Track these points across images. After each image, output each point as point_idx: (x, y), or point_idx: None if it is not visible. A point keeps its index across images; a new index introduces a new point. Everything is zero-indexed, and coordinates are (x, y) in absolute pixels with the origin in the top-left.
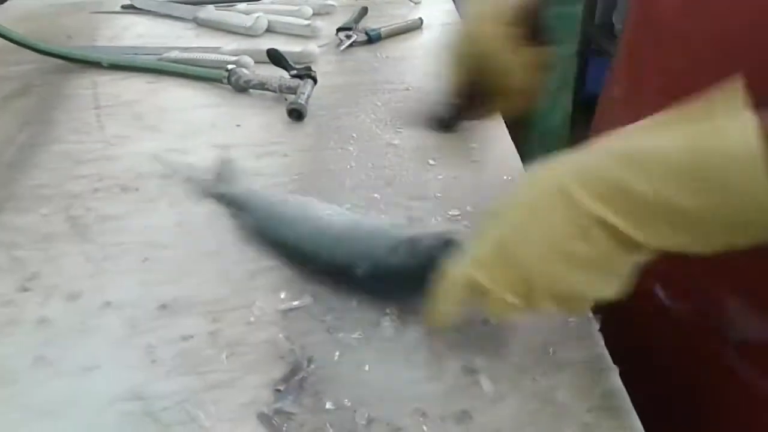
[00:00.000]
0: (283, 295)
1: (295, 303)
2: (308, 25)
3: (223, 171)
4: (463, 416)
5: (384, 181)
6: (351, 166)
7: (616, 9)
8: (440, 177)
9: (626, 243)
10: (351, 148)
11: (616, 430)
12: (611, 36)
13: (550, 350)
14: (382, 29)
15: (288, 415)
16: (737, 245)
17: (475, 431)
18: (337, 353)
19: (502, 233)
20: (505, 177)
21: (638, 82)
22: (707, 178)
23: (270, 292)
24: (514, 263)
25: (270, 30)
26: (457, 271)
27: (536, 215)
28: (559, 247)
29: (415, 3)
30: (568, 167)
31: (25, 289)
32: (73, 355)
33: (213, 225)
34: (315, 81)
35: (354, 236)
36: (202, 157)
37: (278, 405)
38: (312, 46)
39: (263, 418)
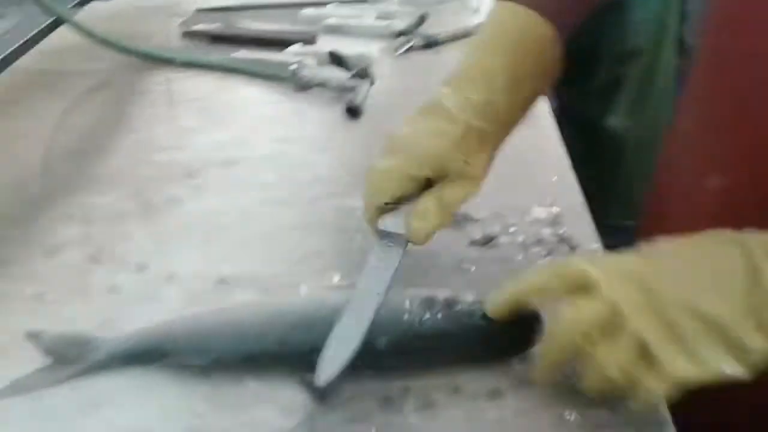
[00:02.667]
0: (334, 278)
1: (336, 279)
2: (373, 26)
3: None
4: (496, 393)
5: None
6: None
7: (686, 22)
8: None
9: None
10: None
11: (646, 415)
12: (681, 50)
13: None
14: (441, 35)
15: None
16: None
17: (507, 408)
18: None
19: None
20: (554, 178)
21: (710, 113)
22: None
23: (318, 273)
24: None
25: (334, 32)
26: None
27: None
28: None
29: (475, 10)
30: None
31: (97, 261)
32: (138, 321)
33: (268, 210)
34: (372, 82)
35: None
36: (262, 149)
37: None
38: (371, 49)
39: (307, 382)
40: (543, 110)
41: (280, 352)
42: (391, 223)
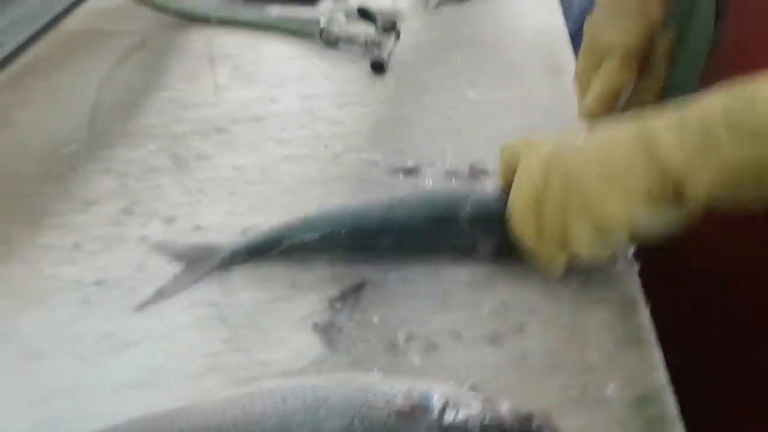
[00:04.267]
0: None
1: None
2: None
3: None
4: (495, 340)
5: (454, 130)
6: (424, 117)
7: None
8: (507, 128)
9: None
10: (426, 100)
11: (638, 361)
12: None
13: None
14: None
15: (339, 328)
16: None
17: (504, 353)
18: (387, 282)
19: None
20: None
21: None
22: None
23: None
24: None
25: None
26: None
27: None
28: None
29: None
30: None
31: (130, 213)
32: (166, 268)
33: (291, 164)
34: (398, 36)
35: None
36: (288, 105)
37: (332, 319)
38: (401, 4)
39: (317, 328)
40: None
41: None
42: None
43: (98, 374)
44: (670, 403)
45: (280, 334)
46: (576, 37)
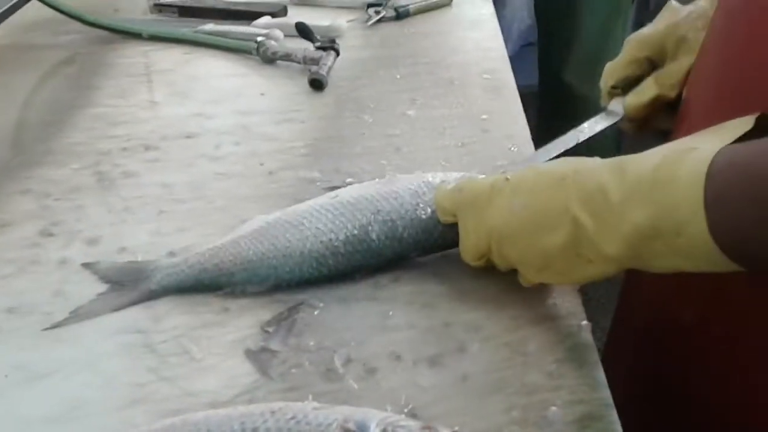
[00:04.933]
0: None
1: None
2: None
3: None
4: (435, 360)
5: (393, 148)
6: (363, 134)
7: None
8: (448, 145)
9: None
10: (366, 117)
11: (581, 380)
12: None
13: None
14: (411, 6)
15: (272, 353)
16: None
17: (445, 374)
18: (323, 303)
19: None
20: (511, 147)
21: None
22: (654, 196)
23: None
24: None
25: (305, 4)
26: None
27: (535, 195)
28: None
29: None
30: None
31: (50, 234)
32: (87, 293)
33: (223, 182)
34: (337, 53)
35: None
36: (223, 122)
37: (265, 344)
38: (340, 21)
39: (249, 354)
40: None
41: (337, 274)
42: (615, 104)
43: (9, 408)
44: (615, 423)
45: (211, 361)
46: (515, 59)
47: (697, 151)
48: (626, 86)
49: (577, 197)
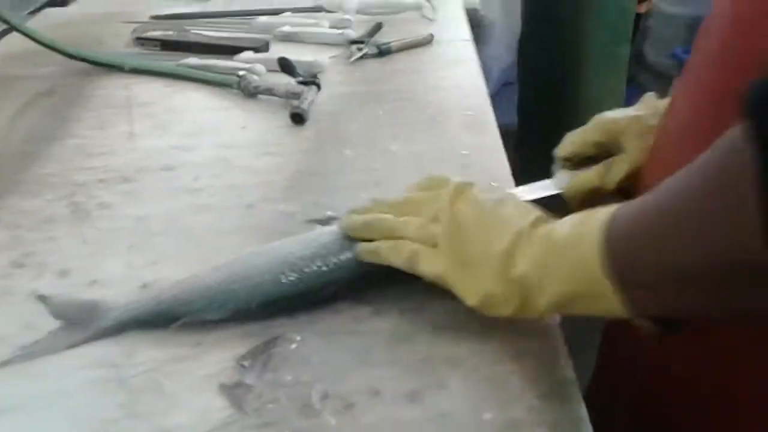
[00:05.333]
0: None
1: None
2: (327, 34)
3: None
4: (415, 396)
5: (374, 182)
6: (345, 168)
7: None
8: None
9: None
10: (347, 152)
11: (562, 415)
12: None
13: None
14: (393, 43)
15: (248, 388)
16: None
17: (425, 410)
18: (300, 337)
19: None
20: (492, 183)
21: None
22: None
23: None
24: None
25: (288, 40)
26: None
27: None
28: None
29: (430, 19)
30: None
31: (21, 265)
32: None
33: (201, 215)
34: (319, 87)
35: None
36: (203, 154)
37: (241, 378)
38: (322, 57)
39: (224, 389)
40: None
41: (298, 293)
42: (563, 173)
43: None
44: None
45: (184, 396)
46: (495, 97)
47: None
48: (580, 161)
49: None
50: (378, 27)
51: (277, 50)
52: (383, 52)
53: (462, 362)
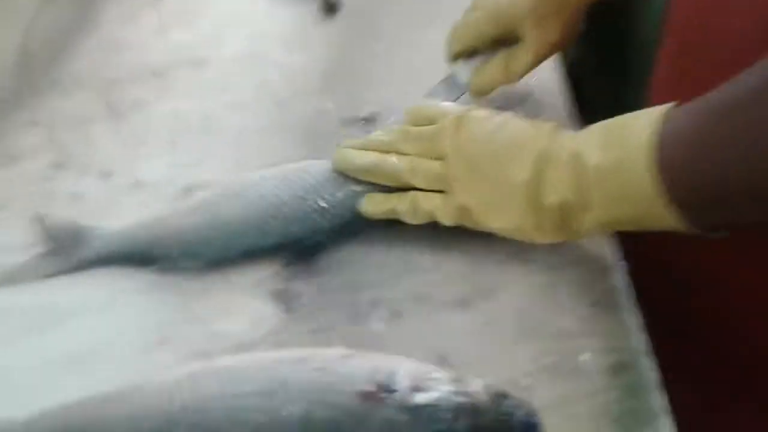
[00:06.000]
0: None
1: None
2: None
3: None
4: (464, 303)
5: (406, 80)
6: (380, 61)
7: None
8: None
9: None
10: (382, 42)
11: (614, 325)
12: None
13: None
14: None
15: (297, 294)
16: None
17: (475, 317)
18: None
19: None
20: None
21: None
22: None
23: None
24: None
25: None
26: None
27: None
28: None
29: None
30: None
31: (62, 167)
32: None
33: (235, 113)
34: None
35: None
36: (232, 48)
37: (289, 283)
38: None
39: (274, 294)
40: None
41: (286, 242)
42: (462, 68)
43: (32, 348)
44: (649, 370)
45: (237, 301)
46: None
47: (642, 116)
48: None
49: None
50: None
51: None
52: None
53: (509, 271)
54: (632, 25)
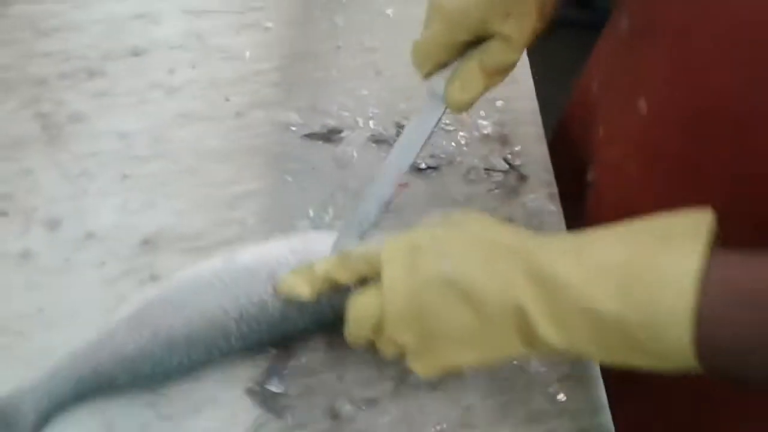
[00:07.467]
0: None
1: None
2: None
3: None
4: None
5: (374, 70)
6: (338, 47)
7: None
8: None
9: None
10: (338, 20)
11: (583, 400)
12: None
13: None
14: None
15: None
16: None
17: (446, 400)
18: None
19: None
20: None
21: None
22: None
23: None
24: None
25: None
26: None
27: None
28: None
29: None
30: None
31: (3, 214)
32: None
33: (186, 130)
34: None
35: None
36: (174, 30)
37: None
38: None
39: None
40: None
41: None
42: (437, 82)
43: None
44: None
45: (214, 397)
46: None
47: (676, 250)
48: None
49: (525, 273)
50: None
51: None
52: None
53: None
54: None
